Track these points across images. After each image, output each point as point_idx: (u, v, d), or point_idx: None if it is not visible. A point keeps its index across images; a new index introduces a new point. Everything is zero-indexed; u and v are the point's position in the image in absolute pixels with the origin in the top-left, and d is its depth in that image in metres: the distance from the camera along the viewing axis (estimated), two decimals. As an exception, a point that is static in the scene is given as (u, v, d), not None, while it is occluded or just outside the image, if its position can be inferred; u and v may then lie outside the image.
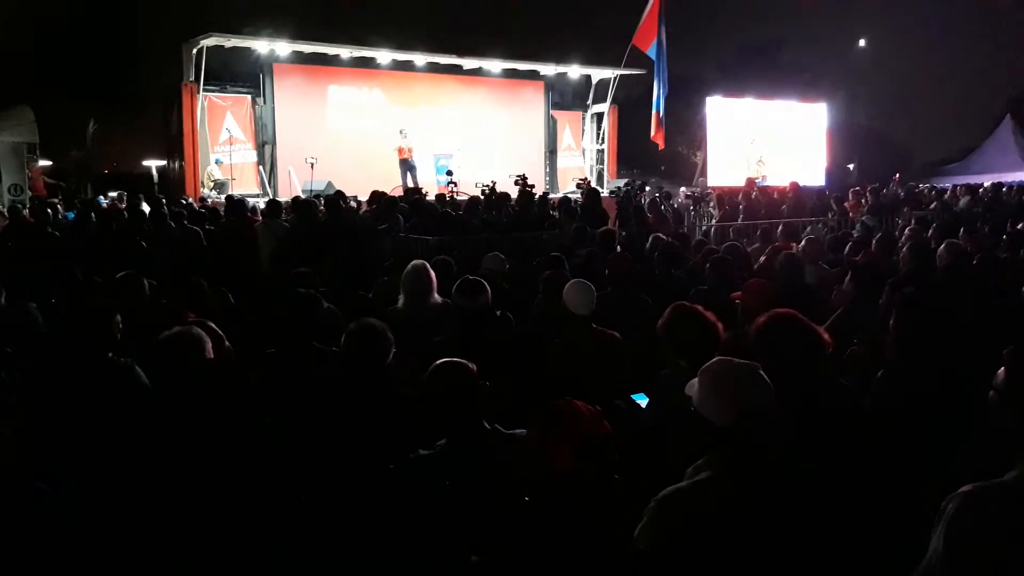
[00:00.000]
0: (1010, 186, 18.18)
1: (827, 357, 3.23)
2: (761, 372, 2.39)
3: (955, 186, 19.61)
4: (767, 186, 17.68)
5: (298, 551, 2.83)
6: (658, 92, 19.52)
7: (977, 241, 7.49)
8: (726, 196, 15.73)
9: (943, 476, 2.34)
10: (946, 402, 3.10)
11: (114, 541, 2.37)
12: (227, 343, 3.83)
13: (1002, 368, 2.18)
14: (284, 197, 14.42)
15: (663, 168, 32.58)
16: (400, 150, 18.42)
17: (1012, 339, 2.34)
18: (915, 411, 3.12)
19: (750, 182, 18.30)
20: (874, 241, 7.23)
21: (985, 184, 19.48)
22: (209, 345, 3.39)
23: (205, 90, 18.28)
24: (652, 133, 20.33)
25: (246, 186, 18.20)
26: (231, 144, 18.45)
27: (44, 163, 21.04)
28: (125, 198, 15.43)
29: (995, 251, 6.63)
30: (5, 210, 13.29)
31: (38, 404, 3.33)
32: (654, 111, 19.88)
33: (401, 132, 18.58)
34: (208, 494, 1.86)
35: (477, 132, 21.87)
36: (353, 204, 12.35)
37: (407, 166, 18.46)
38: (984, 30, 39.23)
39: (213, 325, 3.90)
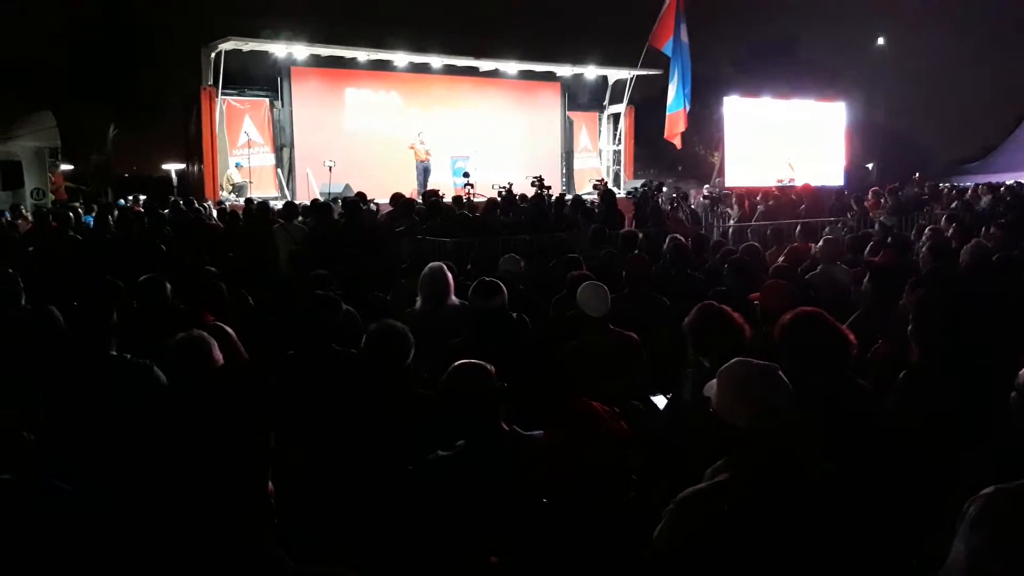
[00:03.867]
0: (1031, 184, 17.98)
1: (851, 357, 3.22)
2: (780, 373, 2.38)
3: (976, 185, 19.40)
4: (787, 187, 17.58)
5: (315, 553, 2.85)
6: (679, 90, 19.43)
7: (998, 240, 7.41)
8: (745, 196, 15.65)
9: (965, 478, 2.32)
10: (968, 403, 3.07)
11: (133, 539, 2.39)
12: (242, 348, 3.87)
13: (1023, 369, 2.16)
14: (303, 200, 14.48)
15: (680, 168, 32.49)
16: (416, 151, 18.47)
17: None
18: (937, 412, 3.10)
19: (779, 183, 18.25)
20: (889, 241, 7.18)
21: (1008, 183, 19.28)
22: (216, 348, 3.44)
23: (224, 94, 18.42)
24: (665, 133, 20.21)
25: (264, 189, 18.31)
26: (249, 147, 18.58)
27: (65, 167, 21.27)
28: (143, 201, 15.59)
29: (1016, 249, 6.56)
30: (29, 214, 13.44)
31: (54, 405, 3.36)
32: (669, 112, 19.78)
33: (419, 135, 18.65)
34: (213, 493, 1.88)
35: (494, 134, 21.90)
36: (373, 207, 12.41)
37: (423, 168, 18.53)
38: (1004, 27, 38.83)
39: (229, 329, 3.94)
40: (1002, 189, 16.82)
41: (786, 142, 22.97)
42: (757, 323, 4.21)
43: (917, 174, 22.91)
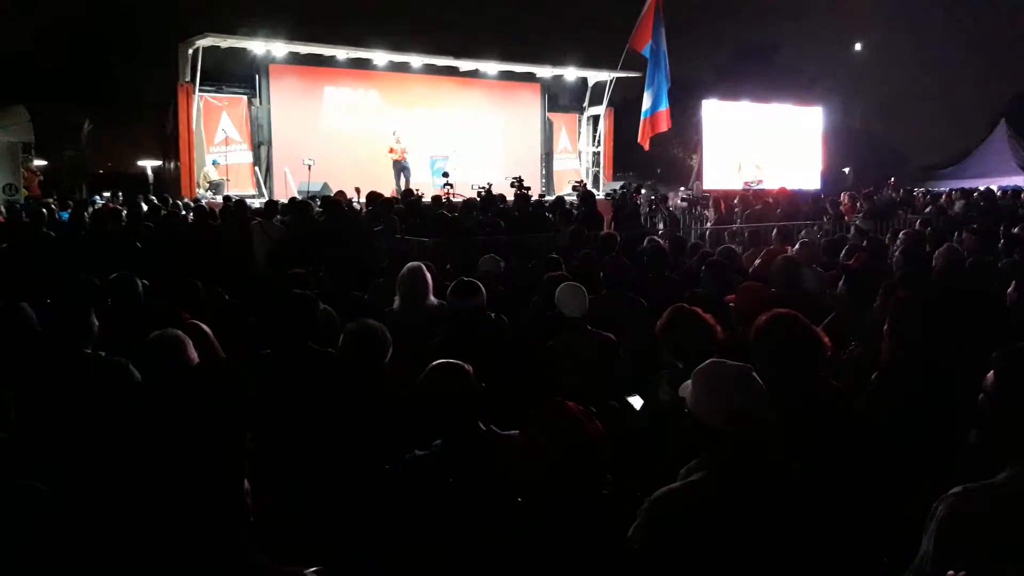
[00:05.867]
0: (1004, 190, 18.26)
1: (825, 359, 3.26)
2: (754, 374, 2.41)
3: (950, 190, 19.65)
4: (762, 190, 17.71)
5: (292, 552, 2.84)
6: (660, 92, 19.47)
7: (971, 245, 7.52)
8: (722, 199, 15.76)
9: (936, 478, 2.36)
10: (940, 405, 3.12)
11: (109, 539, 2.38)
12: (218, 347, 3.84)
13: (991, 371, 2.20)
14: (280, 198, 14.41)
15: (659, 171, 32.62)
16: (392, 150, 18.41)
17: (1003, 342, 2.36)
18: (909, 414, 3.14)
19: (747, 186, 18.33)
20: (864, 245, 7.26)
21: (981, 188, 19.54)
22: (191, 347, 3.42)
23: (201, 91, 18.29)
24: (639, 136, 20.20)
25: (242, 187, 18.20)
26: (227, 145, 18.46)
27: (39, 163, 20.99)
28: (121, 198, 15.43)
29: (989, 255, 6.67)
30: (2, 209, 13.28)
31: (28, 404, 3.33)
32: (645, 116, 19.81)
33: (394, 134, 18.59)
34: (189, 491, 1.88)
35: (473, 134, 21.92)
36: (356, 206, 12.38)
37: (400, 167, 18.48)
38: (979, 35, 39.37)
39: (206, 328, 3.91)
40: (975, 195, 17.04)
41: (762, 146, 23.12)
42: (732, 324, 4.25)
43: (892, 179, 23.16)
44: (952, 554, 1.92)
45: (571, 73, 23.65)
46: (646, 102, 19.76)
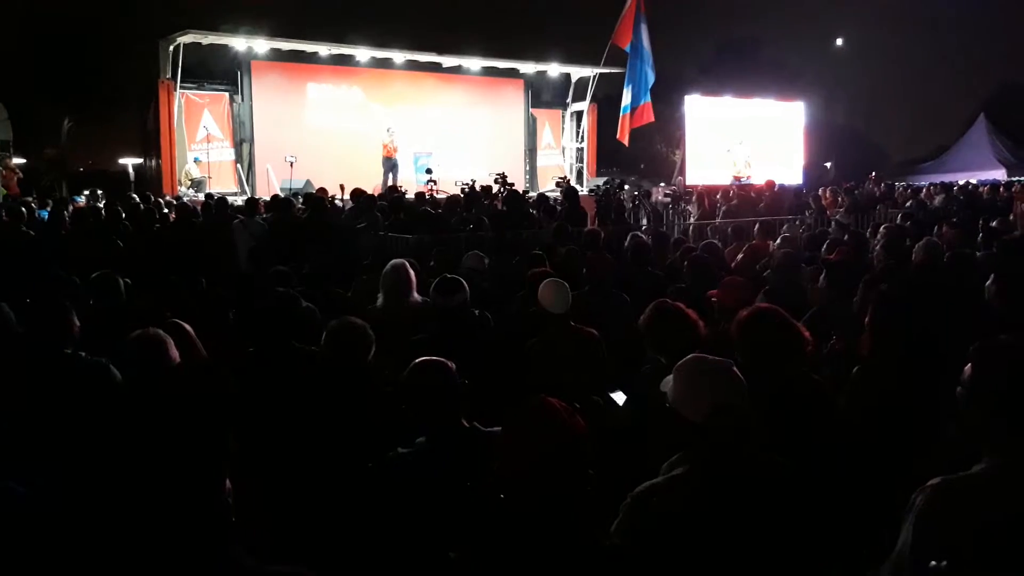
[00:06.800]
0: (983, 184, 18.44)
1: (805, 353, 3.28)
2: (735, 369, 2.42)
3: (930, 184, 19.82)
4: (746, 184, 17.76)
5: (275, 551, 2.83)
6: (641, 87, 19.50)
7: (950, 239, 7.58)
8: (705, 194, 15.80)
9: (916, 471, 2.38)
10: (920, 398, 3.14)
11: (88, 541, 2.36)
12: (200, 345, 3.83)
13: (968, 364, 2.21)
14: (262, 195, 14.33)
15: (642, 166, 32.71)
16: (385, 147, 18.38)
17: (983, 335, 2.38)
18: (889, 407, 3.17)
19: (736, 180, 18.42)
20: (845, 239, 7.30)
21: (960, 182, 19.73)
22: (172, 346, 3.41)
23: (182, 87, 18.15)
24: (619, 133, 20.21)
25: (224, 184, 18.09)
26: (208, 142, 18.34)
27: (18, 161, 20.78)
28: (101, 196, 15.30)
29: (968, 248, 6.72)
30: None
31: (6, 404, 3.31)
32: (623, 113, 19.82)
33: (388, 131, 18.54)
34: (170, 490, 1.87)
35: (457, 130, 21.86)
36: (339, 203, 12.35)
37: (390, 164, 18.44)
38: (959, 31, 39.69)
39: (188, 327, 3.90)
40: (955, 189, 17.20)
41: (746, 141, 23.19)
42: (715, 320, 4.27)
43: (873, 173, 23.30)
44: (930, 545, 1.94)
45: (554, 69, 23.63)
46: (625, 98, 19.78)
